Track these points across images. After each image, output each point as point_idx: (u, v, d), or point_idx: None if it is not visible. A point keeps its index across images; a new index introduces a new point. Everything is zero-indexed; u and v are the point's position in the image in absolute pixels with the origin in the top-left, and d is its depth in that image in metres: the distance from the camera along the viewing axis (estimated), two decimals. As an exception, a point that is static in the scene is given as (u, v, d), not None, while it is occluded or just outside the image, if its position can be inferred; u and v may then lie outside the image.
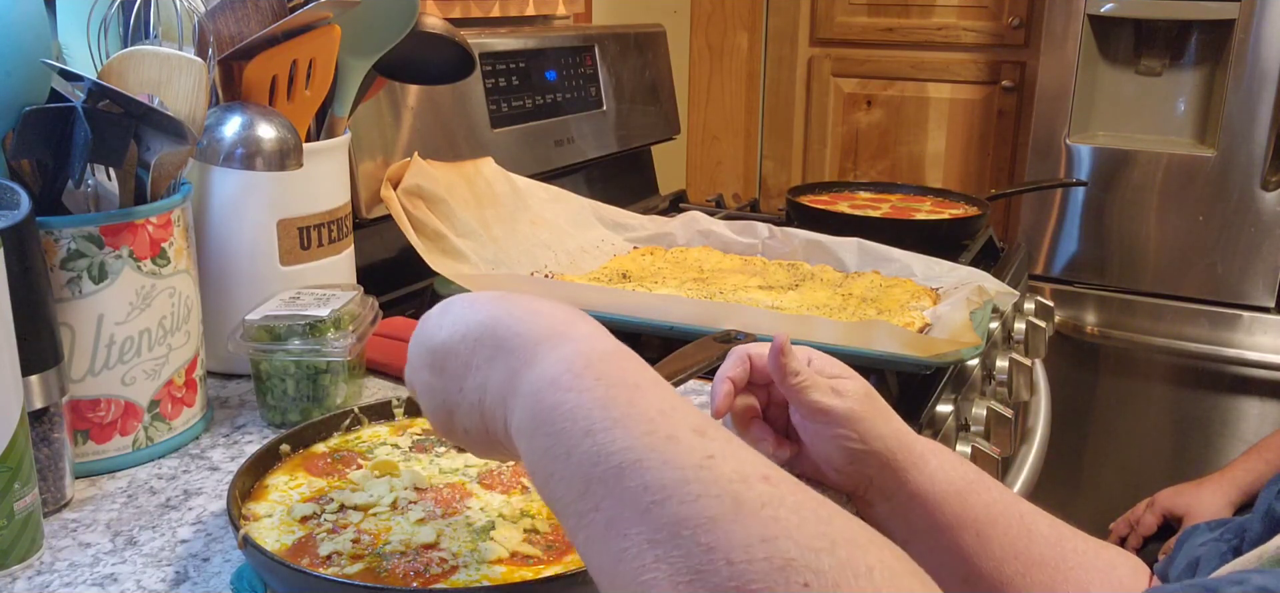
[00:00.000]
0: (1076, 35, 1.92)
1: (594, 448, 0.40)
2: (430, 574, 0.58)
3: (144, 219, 0.72)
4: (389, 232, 1.14)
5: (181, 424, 0.77)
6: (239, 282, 0.88)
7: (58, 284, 0.69)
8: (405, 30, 0.95)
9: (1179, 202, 1.90)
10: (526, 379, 0.46)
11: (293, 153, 0.82)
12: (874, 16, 2.36)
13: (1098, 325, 2.01)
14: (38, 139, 0.69)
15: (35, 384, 0.66)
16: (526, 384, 0.46)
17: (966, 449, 0.99)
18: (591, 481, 0.40)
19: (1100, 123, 2.03)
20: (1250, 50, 1.79)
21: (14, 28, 0.67)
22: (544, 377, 0.45)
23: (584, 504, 0.40)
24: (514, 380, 0.47)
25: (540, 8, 1.66)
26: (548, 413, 0.43)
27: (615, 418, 0.41)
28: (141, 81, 0.73)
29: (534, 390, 0.45)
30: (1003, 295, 1.16)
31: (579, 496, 0.40)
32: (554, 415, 0.43)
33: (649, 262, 1.29)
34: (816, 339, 0.89)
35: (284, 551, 0.60)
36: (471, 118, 1.34)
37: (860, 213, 1.54)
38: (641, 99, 1.74)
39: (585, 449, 0.40)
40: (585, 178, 1.62)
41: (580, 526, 0.40)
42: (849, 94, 2.43)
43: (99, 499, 0.70)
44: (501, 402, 0.48)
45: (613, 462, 0.39)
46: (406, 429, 0.76)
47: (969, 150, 2.33)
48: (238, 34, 0.84)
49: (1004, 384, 1.18)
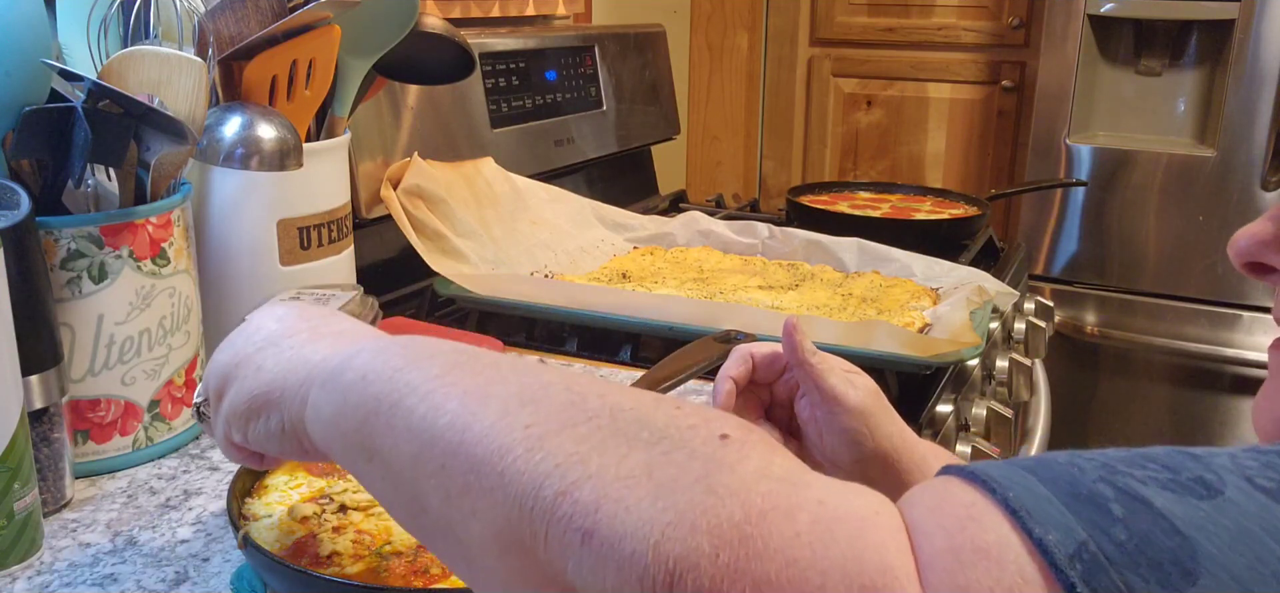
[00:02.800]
0: (1076, 35, 1.92)
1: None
2: (430, 574, 0.58)
3: (144, 219, 0.72)
4: (389, 232, 1.14)
5: (181, 424, 0.77)
6: (239, 282, 0.88)
7: (58, 284, 0.69)
8: (405, 30, 0.95)
9: (1179, 202, 1.90)
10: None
11: (292, 153, 0.82)
12: (874, 16, 2.36)
13: (1098, 325, 2.01)
14: (38, 139, 0.69)
15: (35, 384, 0.66)
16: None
17: (966, 449, 0.99)
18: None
19: (1100, 123, 2.03)
20: (1250, 50, 1.79)
21: (14, 28, 0.67)
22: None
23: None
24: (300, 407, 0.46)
25: (540, 8, 1.66)
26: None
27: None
28: (141, 81, 0.73)
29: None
30: (1003, 295, 1.16)
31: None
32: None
33: (649, 262, 1.29)
34: (816, 339, 0.88)
35: (284, 551, 0.60)
36: (471, 118, 1.34)
37: (860, 213, 1.54)
38: (641, 99, 1.74)
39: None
40: (585, 178, 1.62)
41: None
42: (849, 94, 2.43)
43: (99, 499, 0.70)
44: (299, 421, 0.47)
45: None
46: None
47: (969, 150, 2.33)
48: (238, 34, 0.84)
49: (1004, 384, 1.18)
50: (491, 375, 0.38)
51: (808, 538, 0.28)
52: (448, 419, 0.37)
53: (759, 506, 0.29)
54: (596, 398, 0.36)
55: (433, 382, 0.38)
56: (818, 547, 0.28)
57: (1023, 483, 0.29)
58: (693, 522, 0.29)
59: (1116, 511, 0.27)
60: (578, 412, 0.35)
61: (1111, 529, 0.27)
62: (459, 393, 0.37)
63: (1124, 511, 0.27)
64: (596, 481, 0.32)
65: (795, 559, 0.28)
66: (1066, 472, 0.29)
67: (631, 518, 0.30)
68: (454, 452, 0.36)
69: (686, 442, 0.33)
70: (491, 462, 0.34)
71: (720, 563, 0.29)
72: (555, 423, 0.34)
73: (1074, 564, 0.26)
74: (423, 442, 0.37)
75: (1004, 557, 0.27)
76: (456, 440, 0.36)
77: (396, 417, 0.38)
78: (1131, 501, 0.27)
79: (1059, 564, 0.26)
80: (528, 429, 0.34)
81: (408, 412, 0.38)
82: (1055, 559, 0.26)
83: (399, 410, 0.38)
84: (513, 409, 0.36)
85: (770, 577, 0.28)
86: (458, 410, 0.37)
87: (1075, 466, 0.29)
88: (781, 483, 0.31)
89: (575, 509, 0.31)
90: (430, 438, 0.37)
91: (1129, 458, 0.29)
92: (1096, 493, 0.28)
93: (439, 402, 0.37)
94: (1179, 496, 0.27)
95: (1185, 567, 0.26)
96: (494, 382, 0.38)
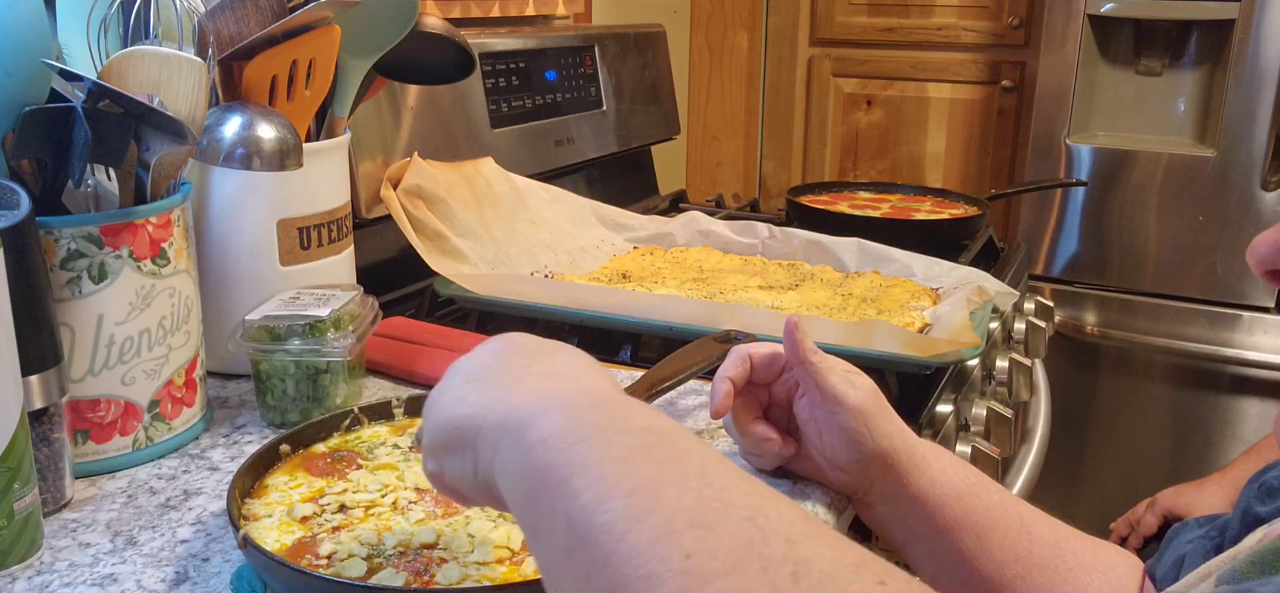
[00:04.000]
0: (1076, 35, 1.92)
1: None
2: (430, 574, 0.58)
3: (144, 219, 0.72)
4: (389, 232, 1.14)
5: (181, 424, 0.77)
6: (239, 282, 0.88)
7: (58, 284, 0.69)
8: (405, 30, 0.95)
9: (1179, 202, 1.90)
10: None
11: (292, 153, 0.82)
12: (874, 16, 2.36)
13: (1098, 325, 2.01)
14: (38, 139, 0.69)
15: (35, 384, 0.66)
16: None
17: (966, 450, 0.99)
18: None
19: (1100, 123, 2.03)
20: (1250, 50, 1.79)
21: (14, 28, 0.67)
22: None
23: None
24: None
25: (540, 8, 1.66)
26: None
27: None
28: (141, 81, 0.73)
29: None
30: (1003, 295, 1.16)
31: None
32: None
33: (649, 262, 1.29)
34: (816, 339, 0.88)
35: (284, 551, 0.60)
36: (471, 118, 1.34)
37: (860, 213, 1.54)
38: (641, 99, 1.74)
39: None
40: (585, 178, 1.62)
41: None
42: (849, 94, 2.43)
43: (99, 499, 0.70)
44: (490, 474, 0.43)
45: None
46: (406, 429, 0.76)
47: (969, 150, 2.33)
48: (238, 34, 0.84)
49: (1004, 384, 1.18)
50: (671, 473, 0.34)
51: None
52: (606, 519, 0.32)
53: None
54: (782, 541, 0.30)
55: (608, 465, 0.34)
56: None
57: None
58: None
59: None
60: (751, 554, 0.30)
61: None
62: (628, 489, 0.33)
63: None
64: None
65: None
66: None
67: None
68: (601, 565, 0.31)
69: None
70: (637, 585, 0.30)
71: None
72: (721, 565, 0.29)
73: None
74: (577, 537, 0.33)
75: None
76: (608, 551, 0.31)
77: (559, 500, 0.34)
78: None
79: None
80: (687, 561, 0.29)
81: (572, 497, 0.34)
82: None
83: (563, 492, 0.34)
84: (679, 529, 0.31)
85: None
86: (619, 512, 0.32)
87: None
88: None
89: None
90: (584, 536, 0.33)
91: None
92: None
93: (604, 493, 0.33)
94: None
95: None
96: (669, 483, 0.33)
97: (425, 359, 0.93)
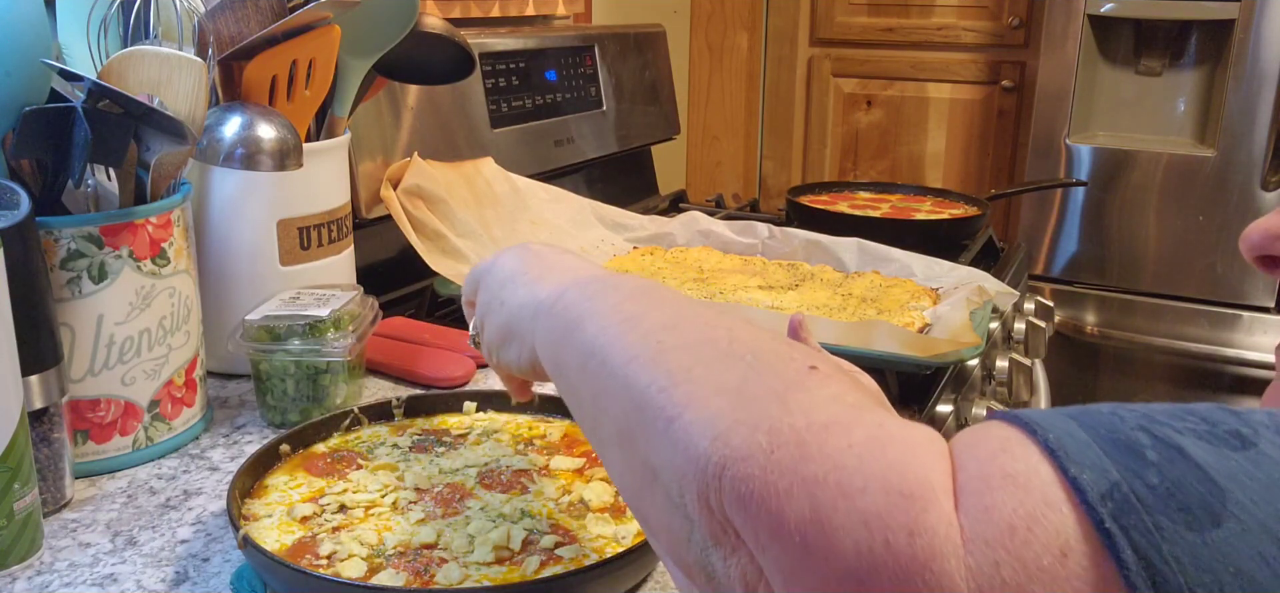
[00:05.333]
0: (1076, 35, 1.92)
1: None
2: (430, 574, 0.58)
3: (144, 219, 0.72)
4: (389, 232, 1.14)
5: (181, 424, 0.77)
6: (239, 282, 0.88)
7: (58, 284, 0.69)
8: (405, 30, 0.95)
9: (1179, 202, 1.90)
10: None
11: (293, 153, 0.82)
12: (874, 16, 2.36)
13: (1097, 325, 2.01)
14: (38, 139, 0.69)
15: (35, 384, 0.66)
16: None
17: (966, 449, 0.99)
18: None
19: (1100, 123, 2.03)
20: (1250, 50, 1.79)
21: (14, 28, 0.67)
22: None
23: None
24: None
25: (540, 8, 1.66)
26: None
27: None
28: (141, 81, 0.73)
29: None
30: (1003, 295, 1.16)
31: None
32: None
33: (649, 262, 1.29)
34: (817, 339, 0.88)
35: (284, 551, 0.60)
36: (471, 118, 1.34)
37: (860, 213, 1.54)
38: (641, 99, 1.74)
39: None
40: (585, 178, 1.62)
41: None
42: (849, 94, 2.43)
43: (99, 499, 0.70)
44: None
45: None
46: (406, 429, 0.76)
47: (969, 150, 2.33)
48: (238, 34, 0.84)
49: (1004, 384, 1.18)
50: (652, 302, 0.44)
51: (859, 450, 0.31)
52: (606, 337, 0.42)
53: (822, 419, 0.32)
54: (725, 329, 0.40)
55: (608, 309, 0.44)
56: (866, 457, 0.30)
57: (1062, 427, 0.30)
58: (756, 422, 0.33)
59: (1151, 457, 0.28)
60: (704, 334, 0.40)
61: (1145, 473, 0.28)
62: (623, 317, 0.43)
63: (1159, 457, 0.28)
64: (695, 385, 0.36)
65: (843, 465, 0.30)
66: (1107, 420, 0.30)
67: (709, 412, 0.34)
68: (601, 362, 0.42)
69: (780, 368, 0.36)
70: (622, 366, 0.40)
71: (773, 459, 0.31)
72: (682, 341, 0.39)
73: (1105, 502, 0.27)
74: (586, 354, 0.43)
75: (1030, 483, 0.28)
76: (606, 354, 0.41)
77: (574, 336, 0.45)
78: (1167, 449, 0.28)
79: (1091, 502, 0.27)
80: (660, 344, 0.40)
81: (582, 331, 0.44)
82: (1088, 497, 0.27)
83: (578, 331, 0.45)
84: (655, 331, 0.41)
85: (817, 477, 0.30)
86: (616, 330, 0.42)
87: (1116, 415, 0.30)
88: (850, 408, 0.33)
89: (668, 402, 0.36)
90: (591, 351, 0.43)
91: (1170, 411, 0.31)
92: (1134, 440, 0.29)
93: (605, 324, 0.43)
94: (1214, 446, 0.28)
95: (1213, 511, 0.26)
96: (654, 309, 0.43)
97: (425, 359, 0.93)
